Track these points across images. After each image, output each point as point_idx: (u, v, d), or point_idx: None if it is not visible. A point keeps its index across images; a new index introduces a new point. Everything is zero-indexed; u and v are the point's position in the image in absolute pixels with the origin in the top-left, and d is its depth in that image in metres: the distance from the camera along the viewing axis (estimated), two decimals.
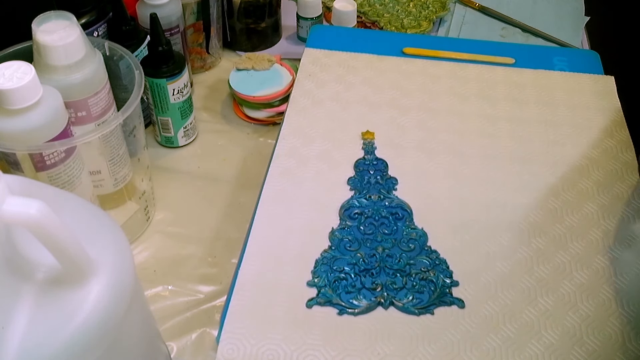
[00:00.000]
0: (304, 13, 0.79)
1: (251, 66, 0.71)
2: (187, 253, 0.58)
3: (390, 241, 0.49)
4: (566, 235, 0.49)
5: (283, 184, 0.53)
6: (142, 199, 0.59)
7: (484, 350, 0.43)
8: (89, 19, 0.59)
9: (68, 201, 0.36)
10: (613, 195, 0.52)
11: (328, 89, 0.61)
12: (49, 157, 0.47)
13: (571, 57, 0.66)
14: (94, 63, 0.50)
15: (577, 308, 0.45)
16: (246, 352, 0.42)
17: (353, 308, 0.45)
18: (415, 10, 0.83)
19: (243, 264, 0.47)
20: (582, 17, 0.84)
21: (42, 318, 0.31)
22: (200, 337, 0.52)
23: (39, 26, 0.47)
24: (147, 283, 0.55)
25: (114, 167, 0.55)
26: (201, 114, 0.72)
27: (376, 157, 0.55)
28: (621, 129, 0.58)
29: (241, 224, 0.54)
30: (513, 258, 0.48)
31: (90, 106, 0.51)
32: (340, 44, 0.67)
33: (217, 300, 0.55)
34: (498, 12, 0.84)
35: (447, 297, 0.45)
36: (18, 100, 0.43)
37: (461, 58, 0.66)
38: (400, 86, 0.62)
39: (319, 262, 0.47)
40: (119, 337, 0.34)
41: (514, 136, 0.57)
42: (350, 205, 0.51)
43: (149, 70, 0.61)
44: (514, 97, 0.61)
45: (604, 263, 0.48)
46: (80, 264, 0.31)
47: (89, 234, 0.33)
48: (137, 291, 0.37)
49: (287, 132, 0.57)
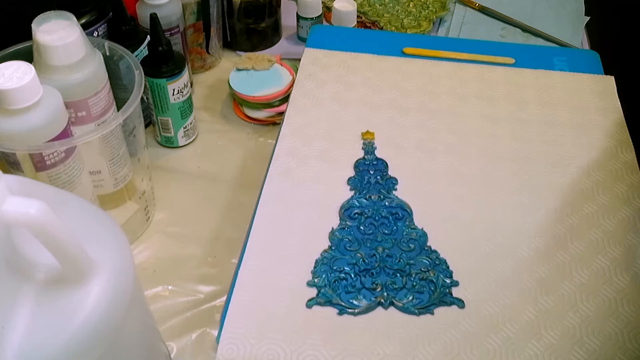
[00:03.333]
0: (304, 13, 0.79)
1: (251, 66, 0.71)
2: (187, 253, 0.58)
3: (390, 241, 0.49)
4: (566, 235, 0.49)
5: (283, 184, 0.53)
6: (142, 199, 0.59)
7: (484, 350, 0.43)
8: (89, 19, 0.59)
9: (68, 201, 0.36)
10: (613, 195, 0.52)
11: (328, 89, 0.61)
12: (49, 157, 0.47)
13: (571, 57, 0.66)
14: (94, 63, 0.50)
15: (577, 308, 0.45)
16: (246, 352, 0.42)
17: (353, 308, 0.45)
18: (415, 10, 0.83)
19: (243, 264, 0.47)
20: (582, 17, 0.84)
21: (42, 318, 0.31)
22: (200, 337, 0.52)
23: (39, 26, 0.47)
24: (147, 283, 0.55)
25: (114, 167, 0.55)
26: (201, 114, 0.72)
27: (376, 157, 0.55)
28: (621, 129, 0.58)
29: (241, 224, 0.54)
30: (513, 258, 0.48)
31: (90, 106, 0.51)
32: (340, 44, 0.67)
33: (217, 300, 0.55)
34: (498, 12, 0.84)
35: (447, 297, 0.45)
36: (18, 100, 0.43)
37: (461, 58, 0.66)
38: (400, 86, 0.62)
39: (319, 262, 0.47)
40: (119, 337, 0.34)
41: (514, 136, 0.57)
42: (350, 205, 0.51)
43: (149, 70, 0.61)
44: (514, 97, 0.61)
45: (604, 263, 0.48)
46: (80, 264, 0.31)
47: (89, 234, 0.33)
48: (137, 291, 0.37)
49: (287, 132, 0.57)
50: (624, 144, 0.57)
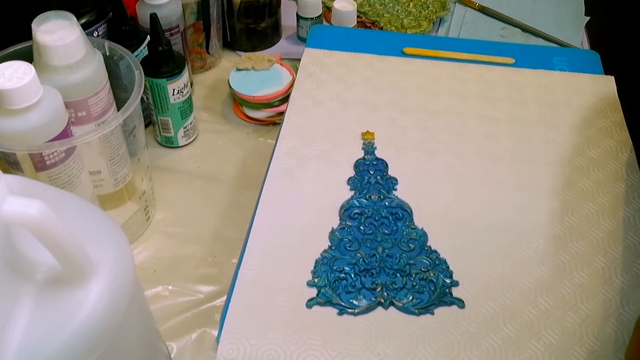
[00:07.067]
0: (304, 13, 0.79)
1: (251, 66, 0.71)
2: (187, 253, 0.58)
3: (390, 241, 0.49)
4: (566, 235, 0.49)
5: (283, 184, 0.53)
6: (142, 199, 0.59)
7: (484, 350, 0.43)
8: (89, 19, 0.59)
9: (68, 201, 0.36)
10: (613, 195, 0.52)
11: (328, 89, 0.61)
12: (49, 157, 0.47)
13: (571, 57, 0.66)
14: (94, 63, 0.50)
15: (577, 308, 0.45)
16: (246, 352, 0.42)
17: (353, 308, 0.45)
18: (415, 10, 0.83)
19: (243, 264, 0.47)
20: (582, 17, 0.84)
21: (42, 318, 0.31)
22: (200, 337, 0.52)
23: (39, 26, 0.47)
24: (147, 283, 0.55)
25: (114, 167, 0.55)
26: (201, 114, 0.72)
27: (376, 157, 0.55)
28: (621, 129, 0.58)
29: (241, 224, 0.54)
30: (513, 258, 0.48)
31: (90, 106, 0.51)
32: (340, 44, 0.67)
33: (217, 300, 0.55)
34: (498, 12, 0.84)
35: (447, 297, 0.45)
36: (18, 100, 0.43)
37: (461, 58, 0.66)
38: (400, 86, 0.62)
39: (319, 262, 0.47)
40: (118, 337, 0.34)
41: (514, 136, 0.57)
42: (350, 205, 0.51)
43: (149, 70, 0.61)
44: (514, 97, 0.61)
45: (604, 263, 0.48)
46: (80, 264, 0.31)
47: (89, 234, 0.33)
48: (137, 291, 0.37)
49: (287, 132, 0.57)
50: (624, 144, 0.57)
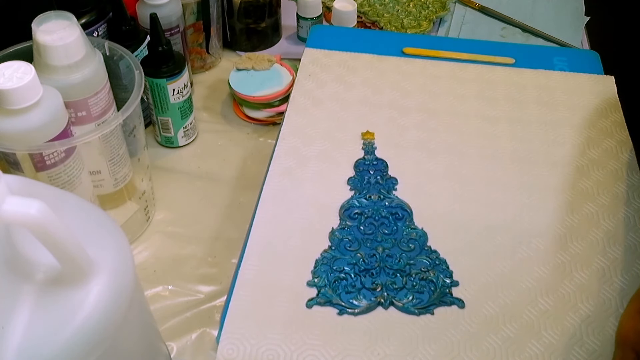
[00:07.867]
0: (304, 13, 0.79)
1: (251, 66, 0.71)
2: (187, 253, 0.58)
3: (390, 241, 0.49)
4: (566, 235, 0.49)
5: (283, 184, 0.53)
6: (142, 199, 0.59)
7: (484, 350, 0.43)
8: (89, 19, 0.59)
9: (68, 201, 0.36)
10: (613, 195, 0.52)
11: (328, 89, 0.61)
12: (49, 157, 0.47)
13: (571, 57, 0.66)
14: (94, 63, 0.50)
15: (577, 308, 0.45)
16: (246, 352, 0.42)
17: (353, 308, 0.45)
18: (415, 10, 0.83)
19: (243, 264, 0.47)
20: (582, 17, 0.84)
21: (42, 318, 0.31)
22: (200, 337, 0.52)
23: (39, 26, 0.47)
24: (147, 283, 0.55)
25: (114, 167, 0.55)
26: (201, 114, 0.72)
27: (376, 157, 0.55)
28: (621, 129, 0.58)
29: (241, 224, 0.54)
30: (513, 258, 0.48)
31: (90, 106, 0.51)
32: (340, 44, 0.67)
33: (217, 300, 0.55)
34: (498, 12, 0.84)
35: (447, 297, 0.45)
36: (18, 100, 0.43)
37: (461, 58, 0.66)
38: (400, 86, 0.62)
39: (319, 262, 0.47)
40: (118, 337, 0.34)
41: (514, 136, 0.57)
42: (350, 205, 0.51)
43: (149, 70, 0.61)
44: (514, 97, 0.61)
45: (604, 263, 0.48)
46: (80, 264, 0.31)
47: (89, 234, 0.33)
48: (137, 291, 0.37)
49: (287, 132, 0.57)
50: (624, 144, 0.57)
